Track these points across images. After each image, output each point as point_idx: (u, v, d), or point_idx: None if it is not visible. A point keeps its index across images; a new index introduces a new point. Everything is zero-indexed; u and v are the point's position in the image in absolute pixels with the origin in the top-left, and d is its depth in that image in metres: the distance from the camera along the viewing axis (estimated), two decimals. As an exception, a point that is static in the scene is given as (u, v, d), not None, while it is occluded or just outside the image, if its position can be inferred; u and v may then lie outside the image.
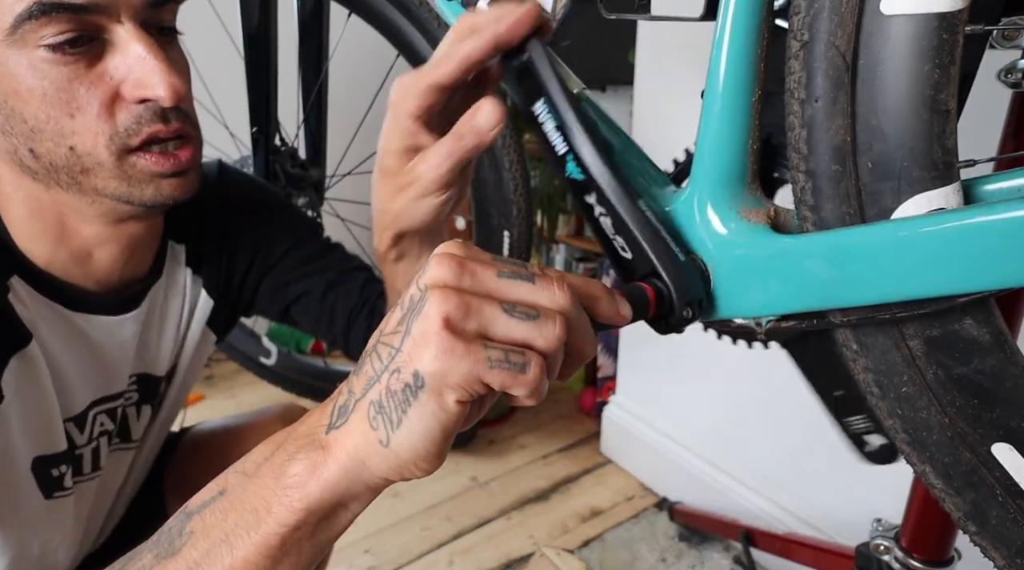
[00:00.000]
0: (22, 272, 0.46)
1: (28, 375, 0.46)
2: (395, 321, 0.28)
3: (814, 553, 0.91)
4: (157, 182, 0.44)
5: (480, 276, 0.27)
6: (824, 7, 0.29)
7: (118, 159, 0.42)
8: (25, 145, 0.41)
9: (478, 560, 1.13)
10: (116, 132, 0.41)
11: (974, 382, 0.30)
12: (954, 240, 0.26)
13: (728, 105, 0.35)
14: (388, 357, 0.27)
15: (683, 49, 1.08)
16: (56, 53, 0.38)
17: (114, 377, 0.53)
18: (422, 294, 0.27)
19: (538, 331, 0.27)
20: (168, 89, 0.40)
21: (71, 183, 0.43)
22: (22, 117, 0.40)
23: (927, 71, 0.27)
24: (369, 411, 0.27)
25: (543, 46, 0.36)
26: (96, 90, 0.40)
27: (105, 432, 0.54)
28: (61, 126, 0.40)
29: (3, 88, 0.40)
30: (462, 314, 0.26)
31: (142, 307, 0.54)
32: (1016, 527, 0.31)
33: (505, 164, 0.86)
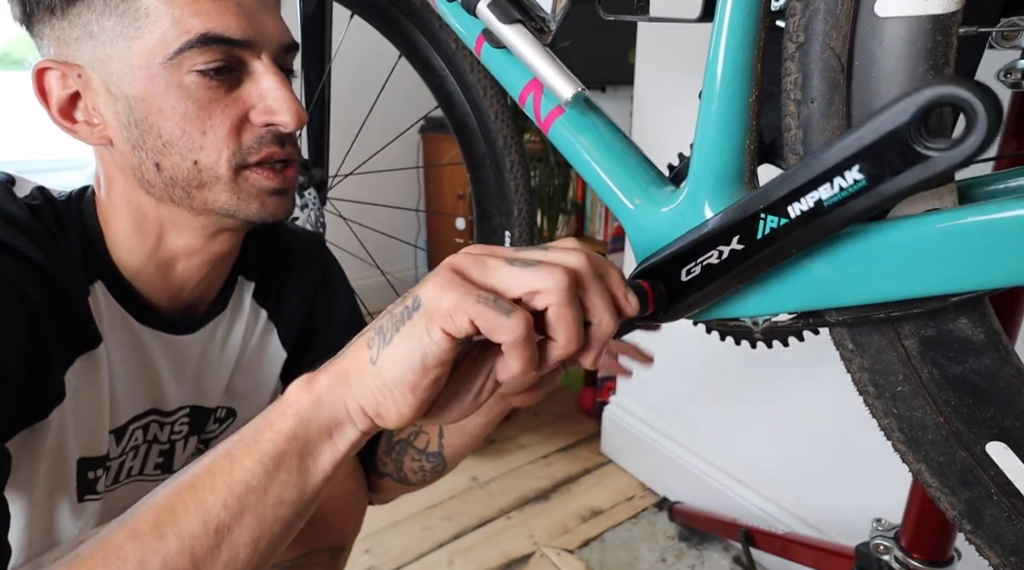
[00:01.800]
0: (107, 278, 0.49)
1: (89, 376, 0.48)
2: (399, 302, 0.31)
3: (814, 553, 0.91)
4: (263, 198, 0.48)
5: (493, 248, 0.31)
6: (819, 9, 0.29)
7: (235, 173, 0.46)
8: (153, 159, 0.46)
9: (478, 560, 1.13)
10: (239, 149, 0.46)
11: (969, 381, 0.30)
12: (946, 240, 0.27)
13: (725, 106, 0.35)
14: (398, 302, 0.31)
15: (683, 49, 1.08)
16: (203, 78, 0.44)
17: (160, 396, 0.55)
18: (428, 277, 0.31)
19: (537, 274, 0.29)
20: (294, 116, 0.46)
21: (184, 197, 0.47)
22: (158, 132, 0.45)
23: (922, 72, 0.27)
24: (369, 336, 0.31)
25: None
26: (230, 111, 0.45)
27: (135, 447, 0.55)
28: (193, 141, 0.45)
29: (148, 106, 0.44)
30: (467, 261, 0.30)
31: (202, 333, 0.56)
32: (1010, 526, 0.31)
33: (506, 165, 0.87)
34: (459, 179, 2.00)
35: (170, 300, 0.53)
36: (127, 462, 0.55)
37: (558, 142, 0.46)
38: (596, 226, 1.75)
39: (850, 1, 0.28)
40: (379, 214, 1.44)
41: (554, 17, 0.45)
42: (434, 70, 0.84)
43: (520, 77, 0.48)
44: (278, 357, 0.64)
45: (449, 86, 0.84)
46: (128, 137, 0.46)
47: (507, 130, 0.84)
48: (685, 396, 1.25)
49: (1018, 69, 0.36)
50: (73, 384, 0.47)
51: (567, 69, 0.42)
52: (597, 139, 0.44)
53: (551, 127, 0.46)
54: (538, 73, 0.43)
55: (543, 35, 0.44)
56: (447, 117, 0.87)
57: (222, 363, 0.60)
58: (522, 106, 0.49)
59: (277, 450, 0.31)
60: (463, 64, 0.81)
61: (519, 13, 0.45)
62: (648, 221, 0.41)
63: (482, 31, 0.49)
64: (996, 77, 0.37)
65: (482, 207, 0.91)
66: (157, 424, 0.56)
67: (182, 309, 0.54)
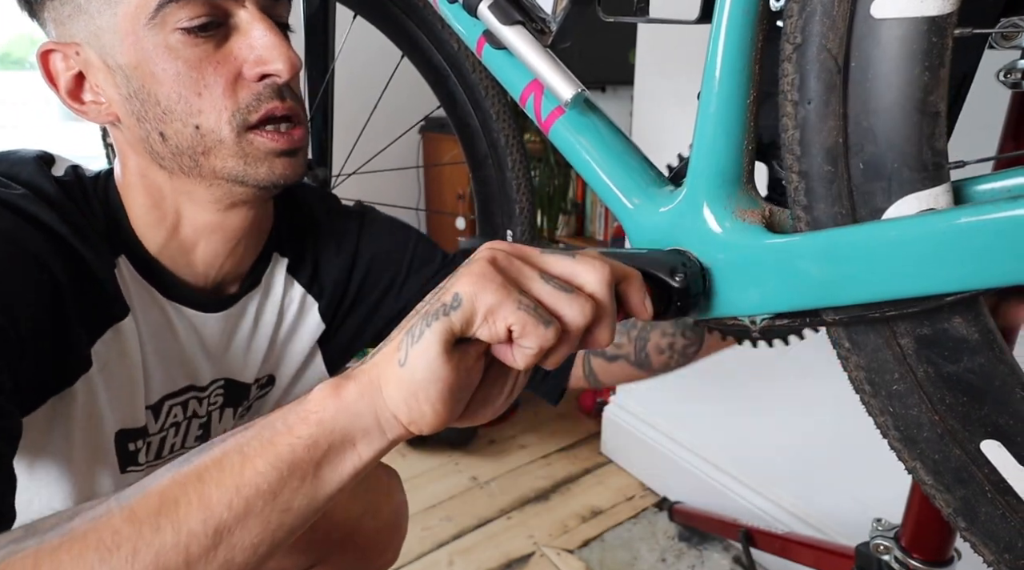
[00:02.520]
0: (131, 254, 0.50)
1: (119, 348, 0.49)
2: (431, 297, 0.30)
3: (814, 553, 0.91)
4: (271, 161, 0.47)
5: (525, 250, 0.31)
6: (816, 10, 0.29)
7: (238, 136, 0.45)
8: (157, 129, 0.45)
9: (478, 560, 1.14)
10: (238, 108, 0.45)
11: (963, 380, 0.30)
12: (940, 240, 0.27)
13: (723, 106, 0.35)
14: (431, 297, 0.30)
15: (683, 50, 1.09)
16: (189, 35, 0.42)
17: (193, 372, 0.55)
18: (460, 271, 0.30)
19: (568, 303, 0.30)
20: (286, 62, 0.44)
21: (192, 166, 0.47)
22: (156, 99, 0.44)
23: (917, 74, 0.28)
24: (398, 339, 0.30)
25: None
26: (222, 69, 0.44)
27: (176, 424, 0.56)
28: (190, 104, 0.44)
29: (141, 72, 0.44)
30: (507, 262, 0.30)
31: (232, 310, 0.56)
32: (1004, 523, 0.31)
33: (508, 163, 0.87)
34: (459, 179, 2.00)
35: (197, 278, 0.53)
36: (168, 438, 0.56)
37: (558, 142, 0.46)
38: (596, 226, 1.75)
39: (846, 3, 0.29)
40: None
41: (555, 18, 0.45)
42: (436, 70, 0.84)
43: (520, 78, 0.48)
44: (316, 328, 0.63)
45: (451, 86, 0.85)
46: (131, 110, 0.45)
47: (508, 129, 0.85)
48: (685, 396, 1.25)
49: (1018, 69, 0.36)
50: (103, 355, 0.48)
51: (567, 70, 0.43)
52: (597, 139, 0.44)
53: (551, 127, 0.46)
54: (538, 74, 0.43)
55: (544, 36, 0.45)
56: (449, 117, 0.88)
57: (256, 339, 0.60)
58: (522, 106, 0.49)
59: (294, 456, 0.29)
60: (465, 64, 0.82)
61: (520, 14, 0.45)
62: (647, 221, 0.41)
63: (483, 32, 0.49)
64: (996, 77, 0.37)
65: (484, 206, 0.91)
66: (196, 400, 0.57)
67: (213, 288, 0.55)
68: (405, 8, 0.82)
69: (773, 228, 0.37)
